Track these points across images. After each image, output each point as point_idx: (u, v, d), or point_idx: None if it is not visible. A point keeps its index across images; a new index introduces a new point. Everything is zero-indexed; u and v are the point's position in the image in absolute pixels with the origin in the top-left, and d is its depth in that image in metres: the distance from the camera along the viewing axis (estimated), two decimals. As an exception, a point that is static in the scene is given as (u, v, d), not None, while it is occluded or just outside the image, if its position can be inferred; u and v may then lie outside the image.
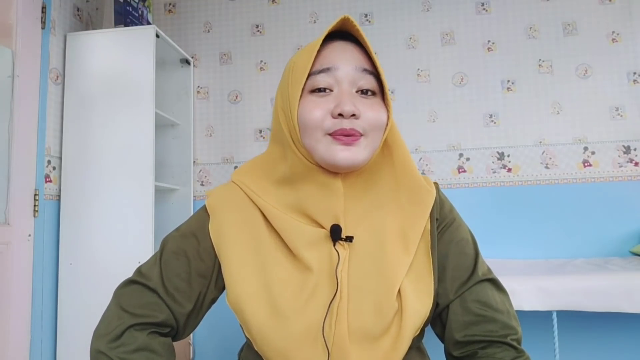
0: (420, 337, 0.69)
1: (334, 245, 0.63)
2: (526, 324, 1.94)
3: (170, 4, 2.48)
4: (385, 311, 0.61)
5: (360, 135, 0.61)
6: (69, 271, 1.88)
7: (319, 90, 0.62)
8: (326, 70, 0.62)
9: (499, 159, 2.18)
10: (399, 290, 0.62)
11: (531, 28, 2.22)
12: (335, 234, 0.63)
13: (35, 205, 1.80)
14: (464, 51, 2.25)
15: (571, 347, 1.96)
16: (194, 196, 2.33)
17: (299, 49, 2.32)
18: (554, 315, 1.61)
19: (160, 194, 2.25)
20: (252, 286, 0.63)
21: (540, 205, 2.11)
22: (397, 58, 2.29)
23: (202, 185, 2.36)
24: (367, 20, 2.33)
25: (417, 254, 0.66)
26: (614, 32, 2.16)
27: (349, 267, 0.63)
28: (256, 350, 0.65)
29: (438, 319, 0.68)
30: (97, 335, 0.64)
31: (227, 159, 2.36)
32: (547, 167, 2.14)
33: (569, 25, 2.19)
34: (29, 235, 1.79)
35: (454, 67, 2.25)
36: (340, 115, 0.60)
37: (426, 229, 0.67)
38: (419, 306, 0.63)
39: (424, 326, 0.66)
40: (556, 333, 1.63)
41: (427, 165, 2.22)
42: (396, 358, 0.61)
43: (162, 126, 2.26)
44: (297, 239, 0.64)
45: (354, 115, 0.60)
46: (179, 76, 2.36)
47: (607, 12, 2.17)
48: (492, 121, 2.20)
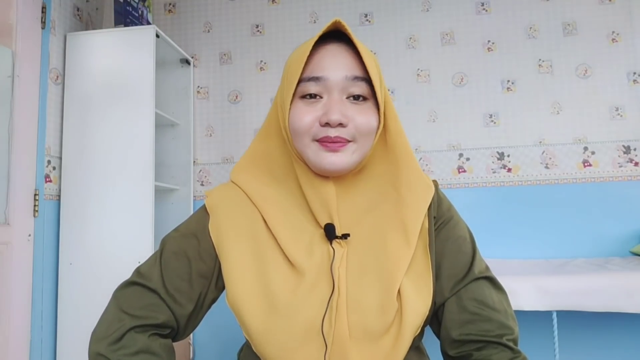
0: (420, 336, 0.69)
1: (331, 244, 0.64)
2: (526, 324, 1.95)
3: (170, 4, 2.48)
4: (387, 310, 0.60)
5: (348, 142, 0.62)
6: (69, 271, 1.88)
7: (310, 96, 0.63)
8: (315, 79, 0.62)
9: (499, 159, 2.18)
10: (399, 290, 0.61)
11: (531, 28, 2.22)
12: (330, 232, 0.64)
13: (35, 205, 1.80)
14: (464, 51, 2.25)
15: (571, 347, 1.96)
16: (194, 196, 2.33)
17: (299, 48, 2.35)
18: (554, 315, 1.62)
19: (160, 194, 2.25)
20: (252, 287, 0.63)
21: (540, 205, 2.11)
22: (397, 58, 2.29)
23: (202, 185, 2.36)
24: (367, 20, 2.33)
25: (415, 251, 0.65)
26: (614, 32, 2.15)
27: (347, 264, 0.63)
28: (254, 351, 0.64)
29: (434, 317, 0.68)
30: (97, 338, 0.63)
31: (227, 159, 2.36)
32: (547, 167, 2.14)
33: (569, 25, 2.19)
34: (29, 235, 1.79)
35: (454, 67, 2.25)
36: (327, 124, 0.61)
37: (424, 227, 0.67)
38: (419, 305, 0.62)
39: (424, 325, 0.66)
40: (556, 333, 1.63)
41: (427, 165, 2.22)
42: (397, 358, 0.61)
43: (162, 126, 2.26)
44: (294, 246, 0.64)
45: (341, 124, 0.61)
46: (179, 76, 2.36)
47: (607, 12, 2.17)
48: (492, 121, 2.20)
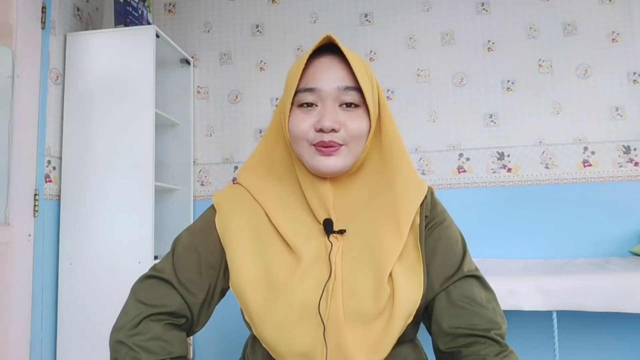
0: (415, 329, 0.72)
1: (328, 238, 0.69)
2: (526, 324, 1.95)
3: (170, 4, 2.48)
4: (380, 294, 0.64)
5: (340, 145, 0.68)
6: (69, 271, 1.88)
7: (307, 104, 0.70)
8: (310, 90, 0.69)
9: (499, 159, 2.18)
10: (391, 275, 0.65)
11: (531, 28, 2.22)
12: (328, 227, 0.69)
13: (35, 205, 1.80)
14: (464, 51, 2.25)
15: (571, 347, 1.96)
16: (194, 196, 2.33)
17: (299, 49, 2.35)
18: (554, 315, 1.61)
19: (160, 194, 2.25)
20: (253, 271, 0.68)
21: (540, 205, 2.11)
22: (397, 58, 2.28)
23: (202, 185, 2.36)
24: (367, 20, 2.33)
25: (406, 245, 0.69)
26: (614, 32, 2.15)
27: (342, 256, 0.68)
28: (254, 335, 0.68)
29: (426, 314, 0.71)
30: (117, 329, 0.68)
31: (227, 159, 2.36)
32: (547, 167, 2.14)
33: (569, 25, 2.19)
34: (29, 235, 1.79)
35: (454, 67, 2.25)
36: (321, 130, 0.67)
37: (415, 223, 0.71)
38: (410, 292, 0.66)
39: (417, 316, 0.69)
40: (556, 333, 1.63)
41: (427, 165, 2.22)
42: (388, 341, 0.64)
43: (162, 126, 2.26)
44: (293, 234, 0.69)
45: (333, 130, 0.67)
46: (179, 76, 2.36)
47: (607, 12, 2.17)
48: (492, 121, 2.20)
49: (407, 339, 0.70)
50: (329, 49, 0.71)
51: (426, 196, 0.74)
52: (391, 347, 0.64)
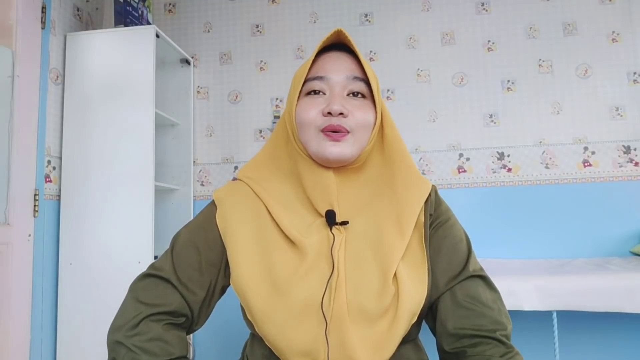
0: (417, 329, 0.71)
1: (331, 230, 0.68)
2: (526, 324, 1.95)
3: (170, 4, 2.48)
4: (384, 293, 0.63)
5: (347, 132, 0.68)
6: (69, 271, 1.88)
7: (314, 92, 0.71)
8: (320, 78, 0.70)
9: (499, 159, 2.18)
10: (395, 275, 0.65)
11: (531, 28, 2.22)
12: (330, 218, 0.68)
13: (35, 205, 1.80)
14: (464, 51, 2.25)
15: (571, 347, 1.96)
16: (194, 196, 2.33)
17: (299, 49, 2.35)
18: (554, 315, 1.61)
19: (160, 194, 2.25)
20: (254, 268, 0.67)
21: (540, 205, 2.11)
22: (397, 58, 2.28)
23: (202, 185, 2.36)
24: (367, 20, 2.33)
25: (411, 243, 0.69)
26: (614, 32, 2.15)
27: (345, 249, 0.67)
28: (260, 338, 0.67)
29: (429, 314, 0.71)
30: (115, 328, 0.67)
31: (227, 159, 2.36)
32: (547, 167, 2.14)
33: (569, 25, 2.19)
34: (29, 235, 1.79)
35: (454, 67, 2.25)
36: (330, 113, 0.68)
37: (419, 221, 0.71)
38: (414, 291, 0.65)
39: (420, 317, 0.68)
40: (556, 333, 1.63)
41: (427, 165, 2.22)
42: (392, 341, 0.63)
43: (162, 126, 2.26)
44: (295, 229, 0.68)
45: (342, 114, 0.68)
46: (179, 76, 2.36)
47: (607, 12, 2.17)
48: (492, 121, 2.20)
49: (409, 338, 0.69)
50: (336, 45, 0.73)
51: (430, 194, 0.74)
52: (395, 347, 0.63)
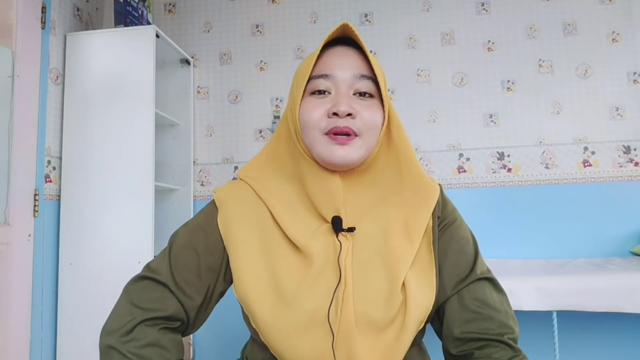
0: (421, 334, 0.70)
1: (337, 237, 0.65)
2: (526, 324, 1.94)
3: (170, 4, 2.48)
4: (392, 302, 0.61)
5: (355, 135, 0.65)
6: (69, 271, 1.88)
7: (319, 92, 0.66)
8: (325, 76, 0.66)
9: (499, 159, 2.18)
10: (403, 282, 0.63)
11: (531, 28, 2.22)
12: (337, 224, 0.65)
13: (35, 205, 1.80)
14: (464, 51, 2.25)
15: (571, 347, 1.96)
16: (194, 196, 2.33)
17: (299, 49, 2.35)
18: (554, 315, 1.61)
19: (160, 194, 2.25)
20: (258, 276, 0.65)
21: (540, 205, 2.11)
22: (397, 58, 2.28)
23: (202, 185, 2.36)
24: (367, 20, 2.33)
25: (420, 248, 0.67)
26: (614, 32, 2.15)
27: (352, 257, 0.65)
28: (261, 342, 0.65)
29: (436, 316, 0.69)
30: (108, 332, 0.64)
31: (227, 159, 2.36)
32: (547, 167, 2.14)
33: (569, 25, 2.19)
34: (29, 235, 1.79)
35: (454, 67, 2.25)
36: (336, 114, 0.64)
37: (428, 226, 0.69)
38: (422, 299, 0.63)
39: (426, 322, 0.67)
40: (556, 333, 1.63)
41: (427, 165, 2.22)
42: (400, 350, 0.61)
43: (162, 126, 2.26)
44: (299, 233, 0.66)
45: (349, 114, 0.64)
46: (179, 76, 2.35)
47: (607, 12, 2.17)
48: (492, 121, 2.20)
49: (414, 342, 0.67)
50: (341, 40, 0.69)
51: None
52: (403, 355, 0.62)
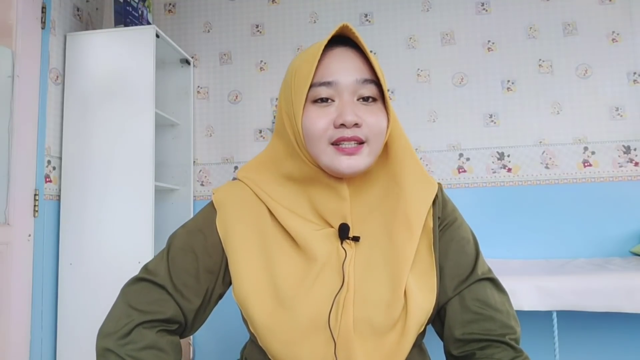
0: (422, 335, 0.70)
1: (342, 244, 0.65)
2: (526, 324, 1.94)
3: (170, 4, 2.48)
4: (394, 306, 0.61)
5: (362, 143, 0.63)
6: (69, 271, 1.88)
7: (322, 100, 0.64)
8: (327, 84, 0.63)
9: (499, 159, 2.18)
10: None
11: (531, 28, 2.22)
12: (343, 232, 0.65)
13: (35, 205, 1.80)
14: (464, 51, 2.25)
15: (571, 347, 1.96)
16: (194, 196, 2.33)
17: (299, 49, 2.35)
18: (554, 315, 1.61)
19: (160, 194, 2.25)
20: (258, 280, 0.64)
21: (540, 205, 2.11)
22: (397, 58, 2.28)
23: (202, 185, 2.36)
24: (367, 20, 2.33)
25: (420, 250, 0.66)
26: (614, 32, 2.15)
27: (355, 263, 0.65)
28: (260, 345, 0.65)
29: (437, 317, 0.69)
30: (105, 334, 0.63)
31: (227, 159, 2.36)
32: (547, 167, 2.14)
33: (569, 25, 2.19)
34: (29, 235, 1.79)
35: (454, 67, 2.25)
36: (343, 125, 0.62)
37: (428, 226, 0.68)
38: (422, 302, 0.63)
39: (427, 323, 0.67)
40: (556, 333, 1.63)
41: (427, 165, 2.22)
42: (401, 354, 0.61)
43: (162, 126, 2.26)
44: (301, 229, 0.65)
45: (356, 124, 0.62)
46: (179, 76, 2.36)
47: (607, 12, 2.17)
48: (492, 121, 2.20)
49: (415, 344, 0.66)
50: (339, 40, 0.66)
51: (437, 195, 0.71)
52: (404, 359, 0.62)
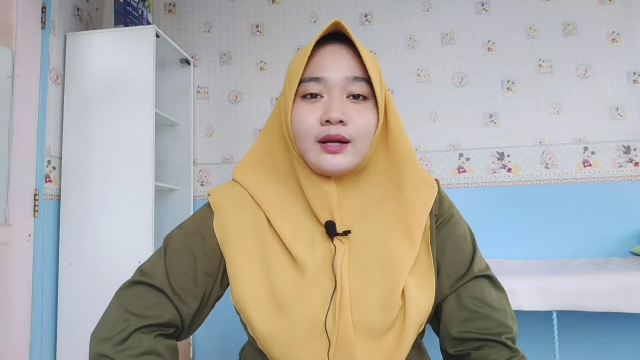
0: (421, 335, 0.69)
1: (332, 241, 0.64)
2: (526, 324, 1.95)
3: (170, 4, 2.48)
4: (391, 307, 0.61)
5: (347, 142, 0.63)
6: (69, 271, 1.88)
7: (311, 95, 0.64)
8: (316, 79, 0.64)
9: (499, 159, 2.18)
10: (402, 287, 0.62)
11: (531, 28, 2.22)
12: (330, 229, 0.65)
13: (35, 205, 1.80)
14: (464, 51, 2.25)
15: (571, 347, 1.96)
16: (194, 196, 2.33)
17: (299, 49, 2.34)
18: (554, 315, 1.62)
19: (160, 194, 2.25)
20: (256, 285, 0.64)
21: (540, 205, 2.11)
22: (397, 58, 2.28)
23: (202, 185, 2.36)
24: (367, 20, 2.33)
25: (419, 250, 0.66)
26: (614, 32, 2.15)
27: (349, 261, 0.64)
28: (259, 348, 0.65)
29: (434, 315, 0.68)
30: (100, 339, 0.61)
31: (227, 159, 2.36)
32: (547, 167, 2.14)
33: (569, 25, 2.19)
34: (29, 235, 1.79)
35: (454, 67, 2.25)
36: (328, 121, 0.62)
37: (426, 225, 0.67)
38: (421, 302, 0.63)
39: (425, 323, 0.67)
40: (556, 333, 1.63)
41: (427, 165, 2.22)
42: (400, 354, 0.61)
43: (162, 126, 2.26)
44: (296, 241, 0.65)
45: (341, 121, 0.62)
46: (179, 76, 2.36)
47: (607, 12, 2.17)
48: (492, 121, 2.20)
49: (414, 344, 0.66)
50: (334, 38, 0.66)
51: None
52: (404, 359, 0.61)
